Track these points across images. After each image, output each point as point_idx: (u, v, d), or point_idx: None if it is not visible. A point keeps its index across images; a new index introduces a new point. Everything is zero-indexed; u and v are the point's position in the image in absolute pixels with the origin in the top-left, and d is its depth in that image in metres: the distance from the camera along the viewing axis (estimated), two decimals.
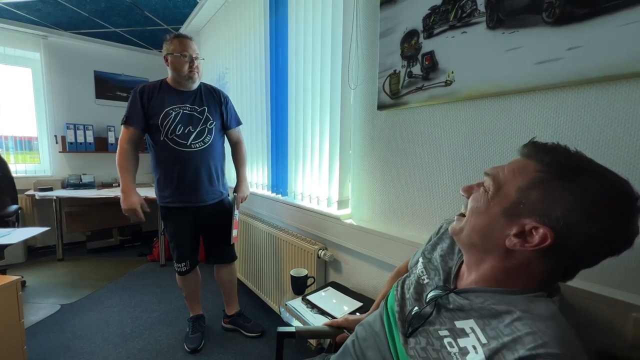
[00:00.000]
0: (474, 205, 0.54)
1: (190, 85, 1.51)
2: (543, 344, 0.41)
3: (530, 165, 0.49)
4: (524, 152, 0.52)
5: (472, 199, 0.55)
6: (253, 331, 1.71)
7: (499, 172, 0.52)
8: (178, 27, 2.83)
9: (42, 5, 2.44)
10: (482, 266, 0.54)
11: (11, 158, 2.94)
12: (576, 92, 0.71)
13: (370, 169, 1.25)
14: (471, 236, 0.54)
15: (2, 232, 1.59)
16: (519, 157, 0.53)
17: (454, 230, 0.58)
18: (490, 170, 0.54)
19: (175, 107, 1.46)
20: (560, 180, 0.46)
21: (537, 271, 0.49)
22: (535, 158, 0.49)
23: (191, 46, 1.47)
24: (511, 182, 0.50)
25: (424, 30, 0.99)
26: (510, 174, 0.50)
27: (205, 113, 1.52)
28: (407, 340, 0.58)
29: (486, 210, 0.52)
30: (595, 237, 0.43)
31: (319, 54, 1.43)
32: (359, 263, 1.32)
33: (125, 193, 1.50)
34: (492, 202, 0.51)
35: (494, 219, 0.50)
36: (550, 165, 0.47)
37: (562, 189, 0.45)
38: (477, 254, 0.55)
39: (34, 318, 1.88)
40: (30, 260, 2.85)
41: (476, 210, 0.53)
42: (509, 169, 0.52)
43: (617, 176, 0.46)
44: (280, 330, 0.85)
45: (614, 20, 0.63)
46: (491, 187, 0.52)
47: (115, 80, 3.41)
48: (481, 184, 0.55)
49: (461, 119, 0.93)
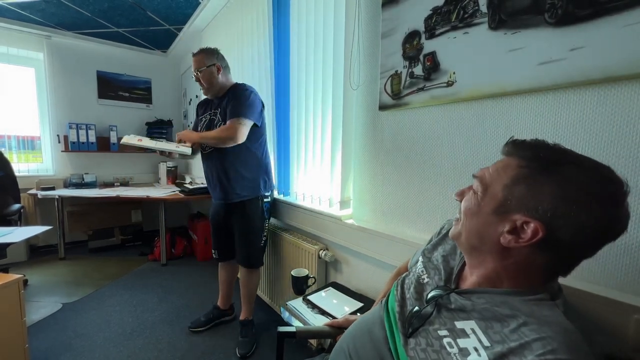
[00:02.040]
0: (466, 207, 0.55)
1: (209, 95, 1.63)
2: (552, 350, 0.40)
3: (512, 162, 0.51)
4: (505, 151, 0.54)
5: (464, 201, 0.56)
6: (240, 347, 1.60)
7: (485, 173, 0.54)
8: (180, 27, 2.84)
9: (46, 6, 2.46)
10: (484, 267, 0.54)
11: (14, 157, 2.96)
12: (578, 93, 0.70)
13: (371, 169, 1.25)
14: (469, 238, 0.55)
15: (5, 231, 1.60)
16: (502, 156, 0.54)
17: (453, 235, 0.59)
18: (478, 173, 0.55)
19: (206, 114, 1.66)
20: (543, 173, 0.47)
21: (536, 267, 0.49)
22: (517, 155, 0.51)
23: (193, 63, 1.58)
24: (497, 181, 0.51)
25: (425, 30, 0.99)
26: (495, 173, 0.52)
27: (217, 115, 1.58)
28: (407, 340, 0.57)
29: (478, 211, 0.53)
30: (585, 225, 0.43)
31: (320, 55, 1.43)
32: (359, 263, 1.32)
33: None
34: (482, 202, 0.52)
35: (486, 218, 0.51)
36: (531, 160, 0.48)
37: (546, 181, 0.46)
38: (477, 256, 0.55)
39: (36, 317, 1.88)
40: (33, 259, 2.86)
41: (469, 212, 0.55)
42: (493, 169, 0.53)
43: (599, 164, 0.46)
44: (280, 330, 0.85)
45: (616, 21, 0.63)
46: (479, 188, 0.53)
47: (117, 80, 3.42)
48: (471, 187, 0.57)
49: (463, 119, 0.93)
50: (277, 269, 1.82)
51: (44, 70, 3.02)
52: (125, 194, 2.76)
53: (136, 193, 2.79)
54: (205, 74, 1.53)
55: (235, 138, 1.46)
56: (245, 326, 1.69)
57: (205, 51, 1.56)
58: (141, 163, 3.67)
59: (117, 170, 3.51)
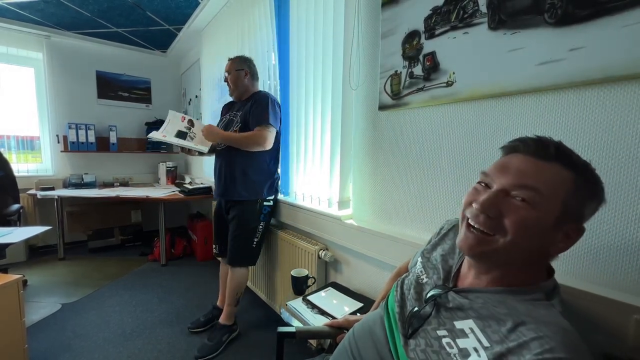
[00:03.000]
0: (520, 221, 0.48)
1: (233, 96, 1.72)
2: (550, 349, 0.41)
3: (566, 175, 0.49)
4: (550, 155, 0.49)
5: (512, 214, 0.48)
6: (199, 348, 1.56)
7: (539, 184, 0.48)
8: (180, 27, 2.83)
9: (45, 5, 2.45)
10: (497, 271, 0.53)
11: (13, 157, 2.95)
12: (578, 93, 0.70)
13: (371, 169, 1.25)
14: (513, 253, 0.50)
15: (4, 231, 1.59)
16: (545, 161, 0.49)
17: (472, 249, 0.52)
18: (527, 181, 0.49)
19: (227, 115, 1.74)
20: (586, 187, 0.50)
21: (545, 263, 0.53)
22: (565, 164, 0.49)
23: (226, 66, 1.69)
24: (554, 194, 0.48)
25: (425, 30, 0.99)
26: (551, 185, 0.48)
27: (237, 117, 1.64)
28: (407, 341, 0.57)
29: (536, 224, 0.48)
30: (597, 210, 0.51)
31: (320, 54, 1.43)
32: (359, 263, 1.32)
33: None
34: (540, 215, 0.47)
35: (545, 233, 0.49)
36: (581, 174, 0.49)
37: (589, 192, 0.50)
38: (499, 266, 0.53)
39: (35, 317, 1.88)
40: (32, 260, 2.85)
41: (525, 226, 0.48)
42: (543, 177, 0.48)
43: None
44: (280, 330, 0.85)
45: (616, 21, 0.63)
46: (535, 200, 0.48)
47: (117, 80, 3.42)
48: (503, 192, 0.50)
49: (462, 119, 0.93)
50: (276, 269, 1.82)
51: (43, 70, 3.01)
52: (125, 194, 2.76)
53: (136, 193, 2.79)
54: (233, 76, 1.65)
55: (264, 144, 1.54)
56: (218, 330, 1.65)
57: (240, 57, 1.69)
58: (141, 163, 3.67)
59: (117, 170, 3.50)
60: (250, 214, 1.64)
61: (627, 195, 0.65)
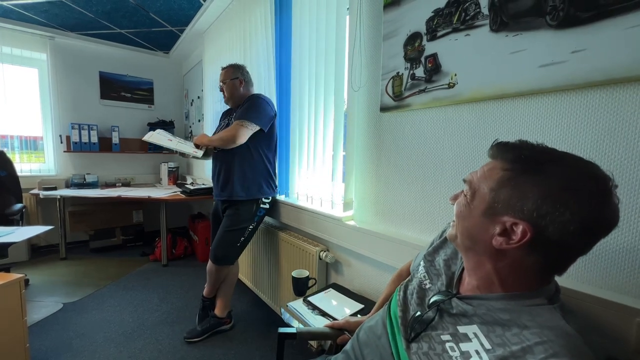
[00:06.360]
0: (458, 211, 0.57)
1: (229, 104, 1.76)
2: (554, 354, 0.40)
3: (497, 165, 0.51)
4: (490, 154, 0.54)
5: (456, 205, 0.57)
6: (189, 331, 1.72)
7: (474, 177, 0.55)
8: (183, 28, 2.85)
9: (49, 7, 2.47)
10: (480, 269, 0.54)
11: (16, 157, 2.96)
12: (580, 96, 0.70)
13: (372, 170, 1.25)
14: (463, 240, 0.56)
15: (6, 231, 1.60)
16: (489, 159, 0.55)
17: (450, 237, 0.60)
18: (467, 177, 0.56)
19: (225, 119, 1.78)
20: (525, 173, 0.47)
21: (531, 268, 0.49)
22: (501, 157, 0.52)
23: (220, 75, 1.72)
24: (484, 184, 0.52)
25: (427, 32, 0.99)
26: (482, 177, 0.53)
27: (232, 121, 1.65)
28: (409, 345, 0.57)
29: (469, 214, 0.54)
30: (571, 223, 0.43)
31: (322, 56, 1.44)
32: (360, 265, 1.32)
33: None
34: (471, 205, 0.53)
35: (476, 220, 0.52)
36: (514, 162, 0.49)
37: (529, 181, 0.46)
38: (473, 257, 0.55)
39: (37, 316, 1.89)
40: (34, 259, 2.86)
41: (460, 215, 0.56)
42: (480, 172, 0.54)
43: (583, 160, 0.47)
44: (281, 331, 0.85)
45: (618, 23, 0.62)
46: (469, 192, 0.54)
47: (120, 81, 3.44)
48: (463, 191, 0.57)
49: (464, 121, 0.93)
50: (277, 270, 1.82)
51: (47, 71, 3.03)
52: (127, 194, 2.77)
53: (138, 193, 2.80)
54: (228, 86, 1.67)
55: (234, 139, 1.52)
56: (209, 319, 1.74)
57: (233, 66, 1.70)
58: (143, 164, 3.68)
59: (119, 170, 3.52)
60: (245, 214, 1.66)
61: (630, 197, 0.65)
